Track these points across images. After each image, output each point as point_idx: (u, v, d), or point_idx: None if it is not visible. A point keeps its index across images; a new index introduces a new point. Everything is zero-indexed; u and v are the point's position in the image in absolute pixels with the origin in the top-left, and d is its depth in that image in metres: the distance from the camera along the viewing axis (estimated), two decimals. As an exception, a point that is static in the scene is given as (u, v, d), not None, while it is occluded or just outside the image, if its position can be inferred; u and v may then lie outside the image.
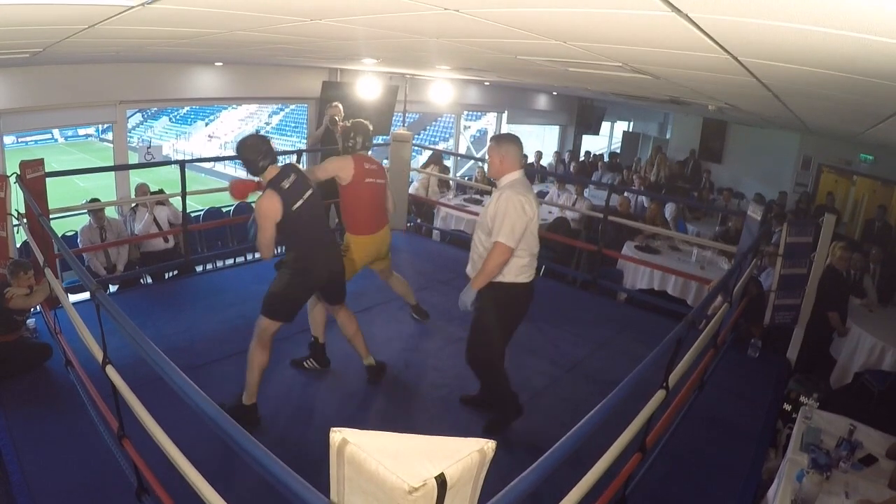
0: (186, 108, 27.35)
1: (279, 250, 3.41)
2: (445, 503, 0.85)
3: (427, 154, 9.33)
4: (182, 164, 4.65)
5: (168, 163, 8.10)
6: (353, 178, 3.30)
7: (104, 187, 8.00)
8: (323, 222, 3.06)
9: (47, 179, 3.85)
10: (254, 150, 2.72)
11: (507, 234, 2.51)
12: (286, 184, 2.72)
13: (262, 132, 27.57)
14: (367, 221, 3.44)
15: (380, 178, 3.45)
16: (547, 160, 10.86)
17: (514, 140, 2.66)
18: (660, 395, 2.18)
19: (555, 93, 10.22)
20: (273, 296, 2.85)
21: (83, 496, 2.38)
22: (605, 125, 13.45)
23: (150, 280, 5.14)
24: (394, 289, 3.96)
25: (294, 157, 6.44)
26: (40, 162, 3.82)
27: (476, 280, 2.62)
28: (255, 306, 4.16)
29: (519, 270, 2.64)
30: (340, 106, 5.69)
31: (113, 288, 4.85)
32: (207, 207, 6.69)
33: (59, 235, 3.84)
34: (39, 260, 3.17)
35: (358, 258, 3.46)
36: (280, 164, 2.82)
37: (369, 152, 3.55)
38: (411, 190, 7.09)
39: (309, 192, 2.81)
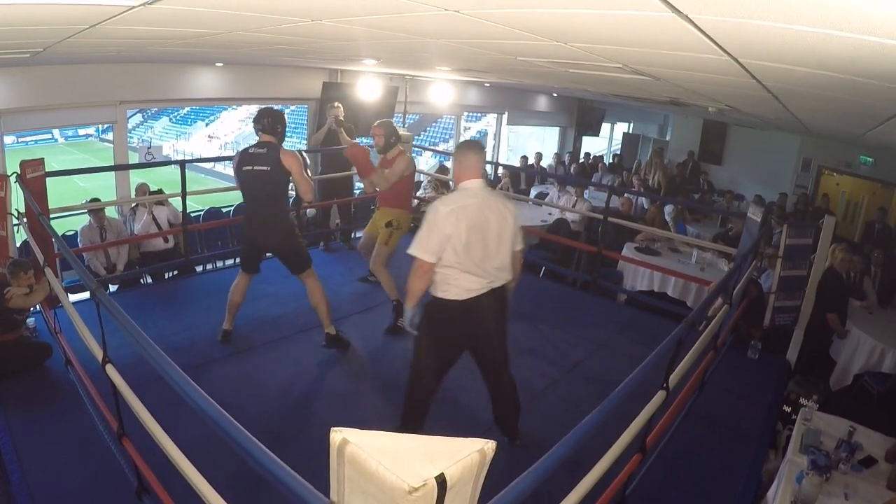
0: (186, 109, 27.35)
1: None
2: (445, 503, 0.85)
3: (428, 155, 9.33)
4: (182, 165, 4.65)
5: (168, 163, 8.11)
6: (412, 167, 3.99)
7: (104, 187, 8.00)
8: (265, 198, 3.37)
9: (47, 179, 3.85)
10: (279, 120, 3.36)
11: (418, 247, 2.38)
12: (252, 149, 3.30)
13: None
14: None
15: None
16: (547, 161, 10.87)
17: (471, 147, 2.55)
18: (660, 395, 2.18)
19: (555, 94, 10.23)
20: None
21: (83, 496, 2.38)
22: (605, 126, 13.44)
23: (150, 280, 5.14)
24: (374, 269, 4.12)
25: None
26: (40, 161, 3.82)
27: (406, 299, 2.54)
28: (255, 306, 4.19)
29: (447, 286, 2.45)
30: (341, 107, 5.70)
31: (113, 288, 4.85)
32: (207, 207, 6.68)
33: (59, 235, 3.84)
34: (39, 259, 3.17)
35: (405, 230, 4.02)
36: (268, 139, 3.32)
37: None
38: (421, 193, 7.10)
39: (266, 168, 3.24)
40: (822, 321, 4.30)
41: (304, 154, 3.59)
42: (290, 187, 3.49)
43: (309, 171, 3.52)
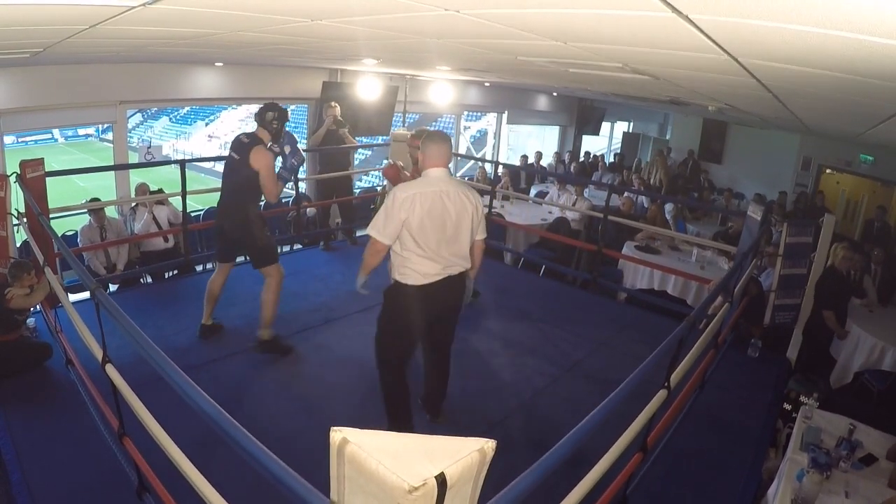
0: (186, 109, 27.34)
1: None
2: (445, 503, 0.85)
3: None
4: (182, 164, 4.65)
5: (168, 162, 8.11)
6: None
7: (104, 187, 8.00)
8: (229, 186, 3.45)
9: (47, 179, 3.85)
10: (278, 117, 3.38)
11: (374, 227, 2.49)
12: (241, 137, 3.39)
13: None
14: None
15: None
16: (547, 161, 10.87)
17: (437, 137, 2.59)
18: (661, 395, 2.18)
19: (555, 93, 10.22)
20: None
21: (83, 495, 2.39)
22: (606, 126, 13.43)
23: (149, 279, 5.14)
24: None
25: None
26: (40, 161, 3.82)
27: (360, 270, 2.69)
28: (254, 306, 4.18)
29: (405, 270, 2.53)
30: (338, 106, 5.72)
31: (113, 287, 4.85)
32: (207, 207, 6.68)
33: (59, 235, 3.84)
34: (39, 259, 3.17)
35: None
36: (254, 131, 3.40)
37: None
38: None
39: (237, 158, 3.31)
40: (821, 319, 4.30)
41: (302, 153, 3.59)
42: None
43: (285, 174, 3.48)
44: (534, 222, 6.67)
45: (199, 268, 5.36)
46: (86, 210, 4.86)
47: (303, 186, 7.06)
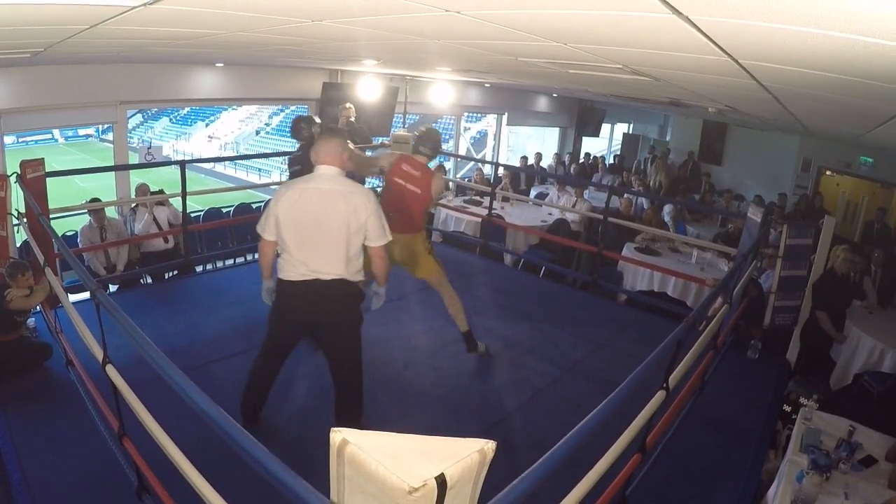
0: (187, 109, 27.38)
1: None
2: (445, 503, 0.85)
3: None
4: (182, 165, 4.65)
5: (168, 163, 8.11)
6: (389, 172, 3.40)
7: (104, 187, 8.00)
8: None
9: (47, 179, 3.85)
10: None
11: (259, 224, 2.51)
12: None
13: (262, 133, 27.70)
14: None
15: (412, 185, 3.33)
16: (547, 162, 10.87)
17: (331, 133, 2.54)
18: (660, 395, 2.18)
19: (555, 94, 10.23)
20: None
21: (83, 495, 2.38)
22: (605, 127, 13.44)
23: (150, 280, 5.14)
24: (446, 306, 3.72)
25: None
26: (40, 162, 3.83)
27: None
28: (254, 306, 4.18)
29: (282, 265, 2.51)
30: (353, 107, 5.71)
31: (113, 288, 4.85)
32: (207, 208, 6.69)
33: (59, 235, 3.84)
34: (39, 259, 3.17)
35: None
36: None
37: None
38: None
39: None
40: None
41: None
42: None
43: None
44: (534, 224, 6.67)
45: (199, 268, 5.36)
46: (86, 210, 4.86)
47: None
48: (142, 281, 5.12)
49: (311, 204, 2.37)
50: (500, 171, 8.66)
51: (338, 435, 0.89)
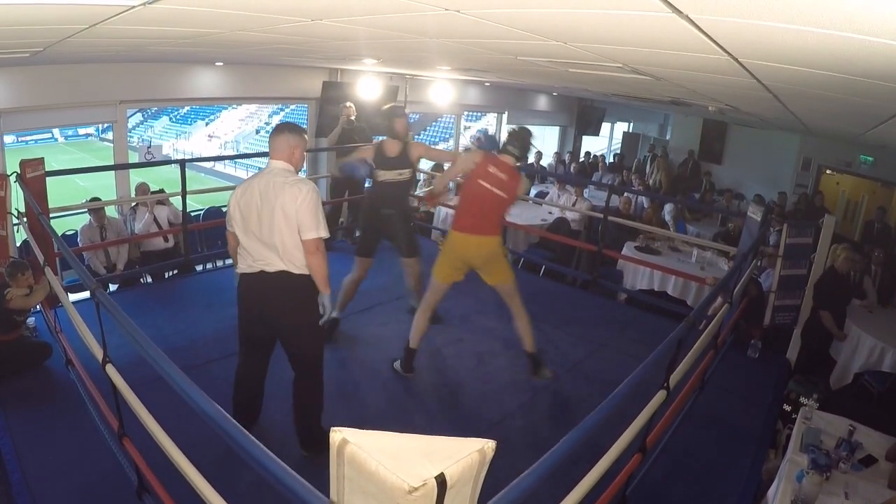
0: (186, 108, 27.35)
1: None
2: (445, 503, 0.85)
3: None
4: (182, 164, 4.65)
5: (168, 162, 8.09)
6: (472, 173, 3.23)
7: (104, 187, 8.01)
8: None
9: (47, 179, 3.85)
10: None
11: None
12: None
13: (262, 132, 27.69)
14: (463, 218, 3.32)
15: (497, 188, 3.20)
16: (547, 161, 10.86)
17: (280, 128, 2.51)
18: (660, 395, 2.18)
19: (555, 93, 10.22)
20: None
21: (83, 495, 2.38)
22: (606, 126, 13.43)
23: (149, 279, 5.14)
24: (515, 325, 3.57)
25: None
26: (40, 161, 3.82)
27: None
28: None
29: (238, 258, 2.56)
30: (353, 106, 5.71)
31: (113, 287, 4.85)
32: (207, 207, 6.68)
33: (59, 234, 3.84)
34: (39, 259, 3.17)
35: (445, 250, 3.41)
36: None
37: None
38: (421, 192, 7.11)
39: None
40: (821, 320, 4.30)
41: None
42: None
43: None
44: (534, 222, 6.67)
45: (199, 268, 5.36)
46: (86, 210, 4.86)
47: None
48: (142, 280, 5.12)
49: (253, 197, 2.40)
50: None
51: (338, 435, 0.89)
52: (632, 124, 13.77)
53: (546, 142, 13.17)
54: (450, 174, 3.61)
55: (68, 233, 5.28)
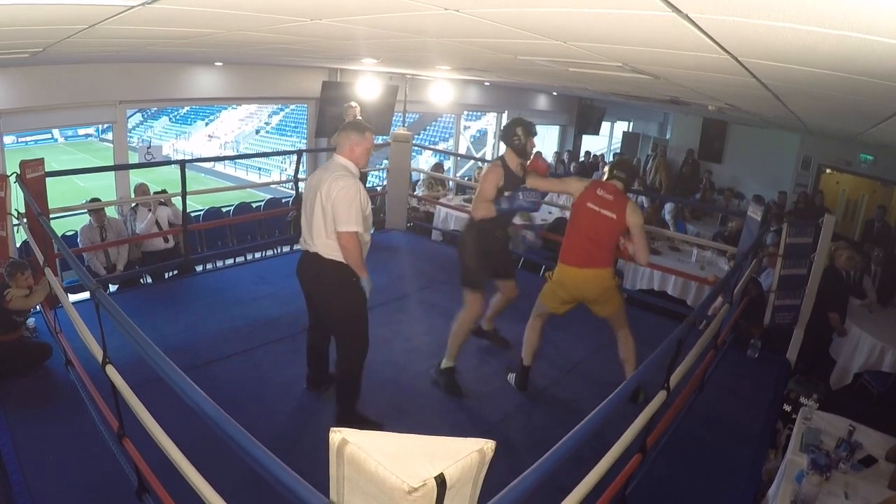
0: (186, 108, 27.36)
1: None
2: (445, 503, 0.85)
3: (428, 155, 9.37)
4: (182, 164, 4.65)
5: (168, 162, 8.10)
6: (579, 198, 3.09)
7: (104, 187, 8.00)
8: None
9: (47, 179, 3.85)
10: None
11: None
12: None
13: (262, 132, 27.69)
14: (572, 250, 3.14)
15: (606, 210, 3.02)
16: (547, 160, 10.86)
17: (345, 127, 2.75)
18: (661, 395, 2.18)
19: (555, 93, 10.22)
20: None
21: (83, 495, 2.38)
22: (605, 125, 13.44)
23: (149, 280, 5.14)
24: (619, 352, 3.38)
25: (294, 157, 6.47)
26: (40, 161, 3.82)
27: None
28: (255, 306, 4.19)
29: None
30: (358, 106, 5.71)
31: (113, 287, 4.85)
32: (207, 207, 6.69)
33: (59, 235, 3.84)
34: (39, 259, 3.17)
35: (554, 280, 3.25)
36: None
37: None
38: (419, 192, 7.12)
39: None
40: (822, 320, 4.30)
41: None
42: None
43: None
44: (533, 222, 6.66)
45: (199, 268, 5.36)
46: (86, 210, 4.86)
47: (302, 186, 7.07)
48: (142, 281, 5.12)
49: (311, 184, 2.71)
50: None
51: (337, 435, 0.89)
52: (632, 123, 13.77)
53: (546, 141, 13.18)
54: (554, 187, 3.77)
55: (68, 233, 5.28)
